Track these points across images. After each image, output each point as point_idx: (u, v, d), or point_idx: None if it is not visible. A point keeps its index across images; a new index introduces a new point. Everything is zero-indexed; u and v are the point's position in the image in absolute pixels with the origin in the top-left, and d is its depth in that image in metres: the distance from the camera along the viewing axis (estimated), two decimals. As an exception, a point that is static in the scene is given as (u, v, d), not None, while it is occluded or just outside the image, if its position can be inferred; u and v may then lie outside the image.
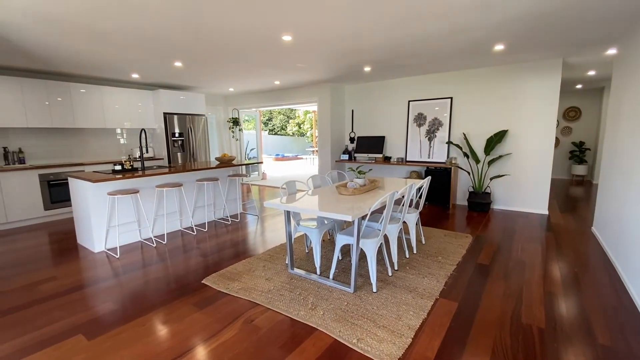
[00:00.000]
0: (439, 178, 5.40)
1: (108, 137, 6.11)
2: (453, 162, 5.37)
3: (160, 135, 6.36)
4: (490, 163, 5.06)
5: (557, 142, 8.45)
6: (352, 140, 6.95)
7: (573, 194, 6.42)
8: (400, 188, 3.20)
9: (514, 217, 4.75)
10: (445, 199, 5.37)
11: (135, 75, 5.39)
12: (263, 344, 1.95)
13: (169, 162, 6.37)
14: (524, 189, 5.04)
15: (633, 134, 2.84)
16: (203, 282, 2.79)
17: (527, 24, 3.12)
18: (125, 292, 2.64)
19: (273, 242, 3.81)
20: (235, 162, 5.06)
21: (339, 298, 2.45)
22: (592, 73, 5.61)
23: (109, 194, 3.46)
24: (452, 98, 5.49)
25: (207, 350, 1.90)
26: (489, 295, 2.49)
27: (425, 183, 3.45)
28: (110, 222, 3.69)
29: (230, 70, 5.07)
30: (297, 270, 2.93)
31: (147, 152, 6.30)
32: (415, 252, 3.36)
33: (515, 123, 4.97)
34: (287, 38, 3.41)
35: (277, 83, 6.40)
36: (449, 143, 5.50)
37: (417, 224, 3.95)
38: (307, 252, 3.42)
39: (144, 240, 3.95)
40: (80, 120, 5.41)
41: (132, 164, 4.17)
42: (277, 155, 16.29)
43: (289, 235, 2.91)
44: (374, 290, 2.54)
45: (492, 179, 5.15)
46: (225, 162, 4.78)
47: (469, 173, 5.40)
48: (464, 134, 5.35)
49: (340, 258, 3.21)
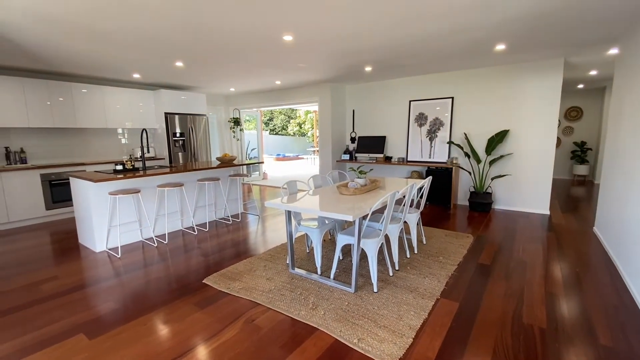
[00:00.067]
0: (440, 178, 5.39)
1: (109, 137, 6.12)
2: (454, 162, 5.36)
3: (162, 135, 6.37)
4: (492, 163, 5.05)
5: (558, 142, 8.43)
6: (353, 140, 6.95)
7: (574, 194, 6.40)
8: (401, 188, 3.20)
9: (515, 217, 4.74)
10: (446, 199, 5.37)
11: (137, 75, 5.40)
12: (264, 344, 1.95)
13: (170, 162, 6.38)
14: (525, 189, 5.03)
15: (635, 134, 2.83)
16: (204, 281, 2.79)
17: (527, 24, 3.12)
18: (127, 291, 2.65)
19: (274, 242, 3.81)
20: (236, 162, 5.06)
21: (340, 298, 2.45)
22: (593, 73, 5.60)
23: (111, 194, 3.47)
24: (453, 98, 5.48)
25: (208, 350, 1.90)
26: (490, 296, 2.48)
27: (426, 183, 3.44)
28: (112, 221, 3.70)
29: (231, 70, 5.07)
30: (298, 270, 2.93)
31: (148, 152, 6.31)
32: (416, 252, 3.36)
33: (517, 123, 4.96)
34: (287, 38, 3.41)
35: (278, 83, 6.41)
36: (450, 143, 5.49)
37: (418, 224, 3.94)
38: (308, 252, 3.42)
39: (145, 240, 3.96)
40: (82, 120, 5.42)
41: (133, 164, 4.18)
42: (278, 155, 16.30)
43: (290, 235, 2.91)
44: (375, 290, 2.54)
45: (493, 179, 5.15)
46: (226, 162, 4.78)
47: (470, 173, 5.39)
48: (465, 134, 5.34)
49: (341, 258, 3.21)
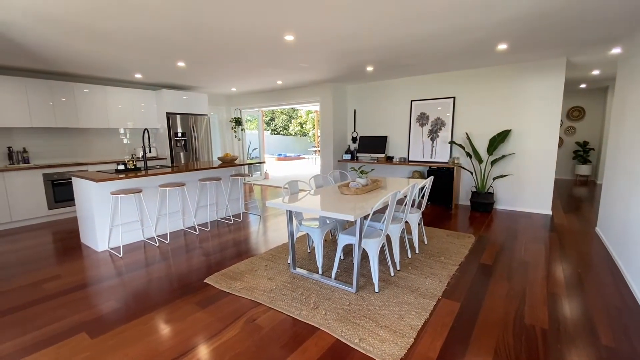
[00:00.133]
0: (442, 178, 5.38)
1: (111, 136, 6.14)
2: (456, 162, 5.35)
3: (163, 135, 6.38)
4: (493, 163, 5.03)
5: (560, 141, 8.40)
6: (354, 140, 6.95)
7: (577, 194, 6.38)
8: (403, 188, 3.20)
9: (517, 217, 4.72)
10: (448, 199, 5.36)
11: (139, 75, 5.41)
12: (265, 344, 1.95)
13: (172, 161, 6.40)
14: (527, 189, 5.01)
15: (637, 134, 2.82)
16: (205, 281, 2.79)
17: (527, 24, 3.11)
18: (128, 290, 2.66)
19: (275, 241, 3.81)
20: (238, 161, 5.07)
21: (341, 298, 2.45)
22: (596, 72, 5.57)
23: (112, 194, 3.48)
24: (454, 98, 5.47)
25: (209, 349, 1.90)
26: (492, 296, 2.48)
27: (428, 183, 3.44)
28: (114, 221, 3.71)
29: (232, 70, 5.08)
30: (299, 270, 2.93)
31: (150, 151, 6.33)
32: (418, 252, 3.35)
33: (519, 123, 4.94)
34: (289, 38, 3.41)
35: (279, 83, 6.41)
36: (452, 143, 5.48)
37: (419, 224, 3.94)
38: (309, 251, 3.42)
39: (147, 240, 3.97)
40: (84, 120, 5.44)
41: (135, 164, 4.20)
42: (279, 155, 16.31)
43: (291, 235, 2.92)
44: (376, 290, 2.54)
45: (495, 179, 5.13)
46: (228, 161, 4.79)
47: (472, 173, 5.38)
48: (467, 134, 5.33)
49: (342, 258, 3.21)
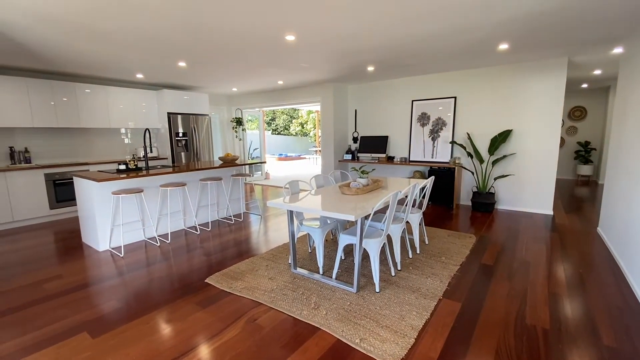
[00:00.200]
0: (443, 178, 5.38)
1: (113, 136, 6.15)
2: (457, 162, 5.34)
3: (164, 135, 6.39)
4: (495, 163, 5.02)
5: (562, 141, 8.38)
6: (355, 140, 6.95)
7: (578, 194, 6.36)
8: (404, 188, 3.19)
9: (518, 217, 4.71)
10: (449, 199, 5.35)
11: (140, 75, 5.42)
12: (266, 343, 1.95)
13: (173, 161, 6.40)
14: (529, 189, 5.00)
15: (639, 134, 2.81)
16: (206, 281, 2.80)
17: (527, 24, 3.10)
18: (129, 290, 2.66)
19: (276, 241, 3.82)
20: (239, 161, 5.07)
21: (342, 298, 2.45)
22: (597, 72, 5.56)
23: (114, 194, 3.48)
24: (455, 97, 5.46)
25: (210, 349, 1.90)
26: (493, 296, 2.47)
27: (429, 183, 3.43)
28: (115, 221, 3.72)
29: (232, 70, 5.08)
30: (300, 270, 2.94)
31: (151, 151, 6.31)
32: (419, 252, 3.35)
33: (520, 123, 4.93)
34: (289, 38, 3.41)
35: (280, 83, 6.41)
36: (453, 143, 5.47)
37: (420, 224, 3.94)
38: (310, 251, 3.43)
39: (148, 239, 3.97)
40: (85, 120, 5.45)
41: (136, 164, 4.20)
42: (280, 155, 16.32)
43: (292, 235, 2.92)
44: (377, 290, 2.54)
45: (496, 179, 5.12)
46: (229, 161, 4.79)
47: (473, 173, 5.37)
48: (468, 134, 5.32)
49: (343, 258, 3.21)
